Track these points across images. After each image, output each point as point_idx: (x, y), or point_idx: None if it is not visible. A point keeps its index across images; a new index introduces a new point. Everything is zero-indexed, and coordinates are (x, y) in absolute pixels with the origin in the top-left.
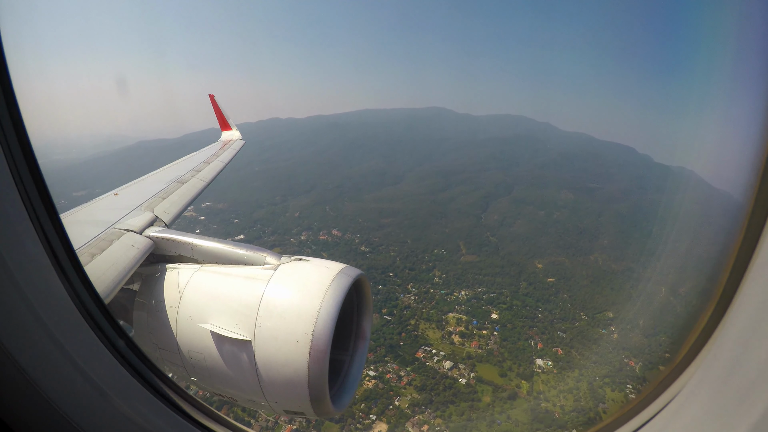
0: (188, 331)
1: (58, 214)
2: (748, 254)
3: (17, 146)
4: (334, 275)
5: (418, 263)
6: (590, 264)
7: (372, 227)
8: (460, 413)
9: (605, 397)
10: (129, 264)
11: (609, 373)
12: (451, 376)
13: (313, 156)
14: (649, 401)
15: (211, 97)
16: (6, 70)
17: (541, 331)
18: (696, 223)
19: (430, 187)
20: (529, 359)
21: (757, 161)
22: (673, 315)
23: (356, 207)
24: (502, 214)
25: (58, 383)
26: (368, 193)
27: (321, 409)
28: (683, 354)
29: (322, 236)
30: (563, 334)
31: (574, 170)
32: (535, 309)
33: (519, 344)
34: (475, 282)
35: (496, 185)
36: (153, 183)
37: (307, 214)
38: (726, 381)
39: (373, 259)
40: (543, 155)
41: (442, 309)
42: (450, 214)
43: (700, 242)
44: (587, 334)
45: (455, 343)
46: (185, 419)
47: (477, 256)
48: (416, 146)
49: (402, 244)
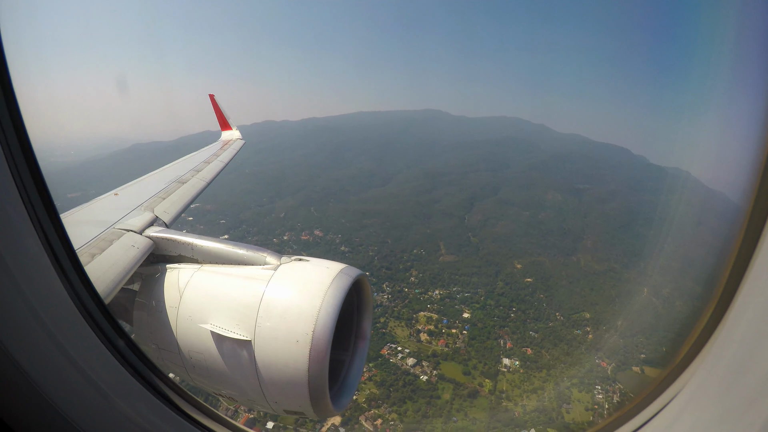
0: (188, 331)
1: (58, 214)
2: (748, 254)
3: (17, 147)
4: (334, 275)
5: (395, 263)
6: (571, 265)
7: (354, 228)
8: (416, 409)
9: (571, 397)
10: (129, 264)
11: (578, 374)
12: (413, 373)
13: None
14: (649, 401)
15: (211, 97)
16: (6, 70)
17: (512, 331)
18: (686, 223)
19: (415, 189)
20: (496, 358)
21: (757, 162)
22: (654, 316)
23: (341, 208)
24: (486, 215)
25: (58, 383)
26: (355, 194)
27: (321, 409)
28: (683, 354)
29: (305, 236)
30: (535, 334)
31: (564, 171)
32: (509, 309)
33: (487, 343)
34: (450, 281)
35: (483, 187)
36: (153, 183)
37: (292, 215)
38: (726, 381)
39: (351, 258)
40: (534, 157)
41: (414, 308)
42: (434, 215)
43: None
44: (561, 334)
45: (422, 341)
46: (185, 419)
47: (456, 256)
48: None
49: (382, 244)
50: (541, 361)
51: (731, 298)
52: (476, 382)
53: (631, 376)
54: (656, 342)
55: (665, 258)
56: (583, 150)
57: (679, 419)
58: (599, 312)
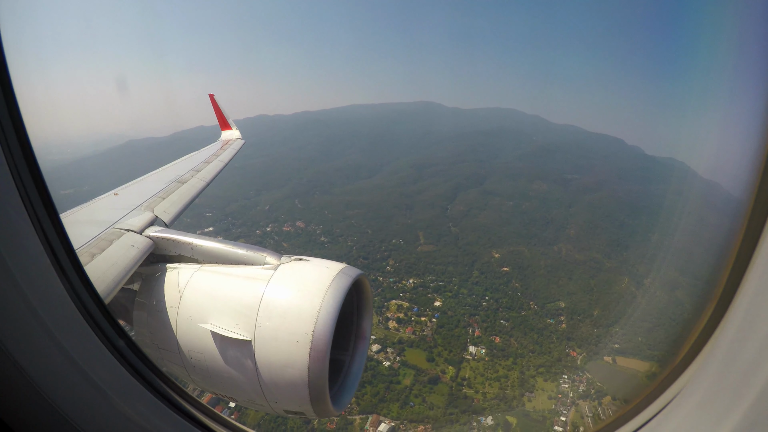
0: (188, 331)
1: (58, 214)
2: (748, 254)
3: (17, 146)
4: (334, 275)
5: (373, 252)
6: (552, 254)
7: (336, 219)
8: (374, 393)
9: (535, 386)
10: (129, 264)
11: (546, 363)
12: (375, 359)
13: (292, 152)
14: (649, 401)
15: (211, 97)
16: (6, 70)
17: (482, 320)
18: (675, 213)
19: (401, 180)
20: (463, 346)
21: (758, 157)
22: (633, 306)
23: (325, 200)
24: (469, 206)
25: (58, 383)
26: (340, 186)
27: (321, 409)
28: (683, 354)
29: (286, 228)
30: (506, 322)
31: (554, 162)
32: (482, 297)
33: (455, 331)
34: (426, 271)
35: (468, 177)
36: (153, 183)
37: (277, 208)
38: (726, 381)
39: (329, 248)
40: (525, 147)
41: (386, 296)
42: (416, 205)
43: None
44: (532, 323)
45: (390, 328)
46: (185, 419)
47: (435, 245)
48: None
49: (362, 235)
50: (509, 350)
51: (731, 298)
52: (439, 369)
53: (601, 366)
54: (632, 332)
55: (650, 247)
56: (577, 140)
57: (679, 419)
58: (575, 301)
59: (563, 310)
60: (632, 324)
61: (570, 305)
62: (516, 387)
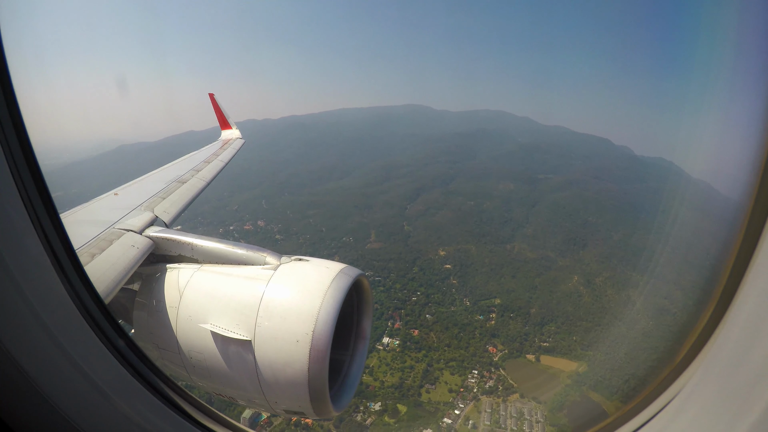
0: (188, 331)
1: (58, 214)
2: (748, 254)
3: (17, 146)
4: (334, 275)
5: (320, 249)
6: (501, 252)
7: (296, 218)
8: None
9: (439, 379)
10: (129, 264)
11: (459, 357)
12: None
13: (270, 155)
14: (649, 401)
15: (211, 96)
16: (6, 71)
17: (407, 313)
18: (649, 212)
19: (367, 181)
20: (377, 337)
21: (757, 159)
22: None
23: (291, 201)
24: (428, 205)
25: (58, 383)
26: (310, 188)
27: (321, 409)
28: (683, 354)
29: (247, 227)
30: (430, 317)
31: (532, 162)
32: (414, 292)
33: (374, 323)
34: (366, 266)
35: (434, 178)
36: (153, 183)
37: (244, 208)
38: (726, 381)
39: (280, 244)
40: (503, 148)
41: None
42: (376, 205)
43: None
44: (458, 319)
45: None
46: (185, 419)
47: (384, 243)
48: (377, 143)
49: (316, 233)
50: (423, 343)
51: (731, 298)
52: None
53: (520, 363)
54: (567, 331)
55: (608, 246)
56: (561, 141)
57: (679, 419)
58: (512, 299)
59: (497, 307)
60: (570, 323)
61: (506, 302)
62: (418, 378)
